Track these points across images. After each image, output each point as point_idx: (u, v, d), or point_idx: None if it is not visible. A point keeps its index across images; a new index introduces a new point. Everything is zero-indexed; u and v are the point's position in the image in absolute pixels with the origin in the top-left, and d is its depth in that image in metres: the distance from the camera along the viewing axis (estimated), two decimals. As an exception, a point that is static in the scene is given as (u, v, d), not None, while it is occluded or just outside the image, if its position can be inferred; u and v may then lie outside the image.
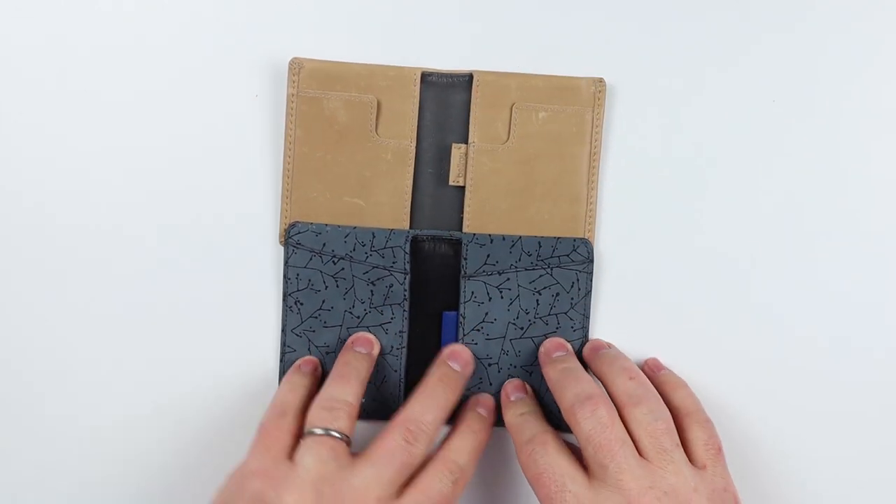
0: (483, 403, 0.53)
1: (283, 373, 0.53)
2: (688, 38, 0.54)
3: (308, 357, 0.53)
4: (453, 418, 0.52)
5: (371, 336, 0.53)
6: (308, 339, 0.53)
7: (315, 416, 0.48)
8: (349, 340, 0.53)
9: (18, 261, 0.54)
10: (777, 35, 0.54)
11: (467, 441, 0.50)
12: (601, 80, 0.53)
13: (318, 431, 0.47)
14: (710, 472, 0.48)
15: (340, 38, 0.54)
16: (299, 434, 0.49)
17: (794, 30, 0.54)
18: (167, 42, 0.54)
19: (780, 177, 0.54)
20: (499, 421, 0.53)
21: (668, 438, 0.48)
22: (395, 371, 0.53)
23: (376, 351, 0.53)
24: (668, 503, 0.45)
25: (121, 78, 0.54)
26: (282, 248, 0.53)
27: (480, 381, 0.53)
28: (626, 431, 0.48)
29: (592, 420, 0.48)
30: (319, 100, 0.53)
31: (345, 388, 0.49)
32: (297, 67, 0.53)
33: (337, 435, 0.47)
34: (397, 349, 0.53)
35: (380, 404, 0.53)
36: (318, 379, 0.53)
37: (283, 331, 0.53)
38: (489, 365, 0.53)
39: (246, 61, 0.54)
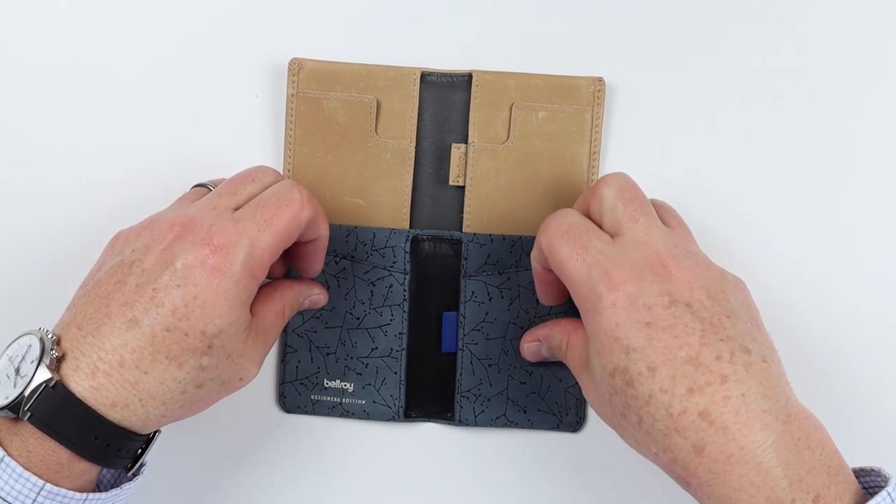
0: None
1: (283, 373, 0.54)
2: (688, 37, 0.54)
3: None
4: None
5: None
6: (309, 340, 0.53)
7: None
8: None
9: (17, 261, 0.54)
10: (777, 35, 0.54)
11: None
12: (600, 80, 0.53)
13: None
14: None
15: (340, 38, 0.54)
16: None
17: (794, 30, 0.54)
18: (167, 43, 0.54)
19: (781, 176, 0.54)
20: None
21: (683, 220, 0.49)
22: (395, 373, 0.53)
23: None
24: (692, 260, 0.45)
25: (120, 77, 0.54)
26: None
27: (480, 382, 0.53)
28: None
29: (620, 181, 0.47)
30: (319, 100, 0.53)
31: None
32: (297, 68, 0.53)
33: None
34: (397, 351, 0.53)
35: (380, 406, 0.53)
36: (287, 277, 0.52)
37: (285, 331, 0.53)
38: (489, 365, 0.53)
39: (246, 61, 0.54)
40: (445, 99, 0.53)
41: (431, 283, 0.54)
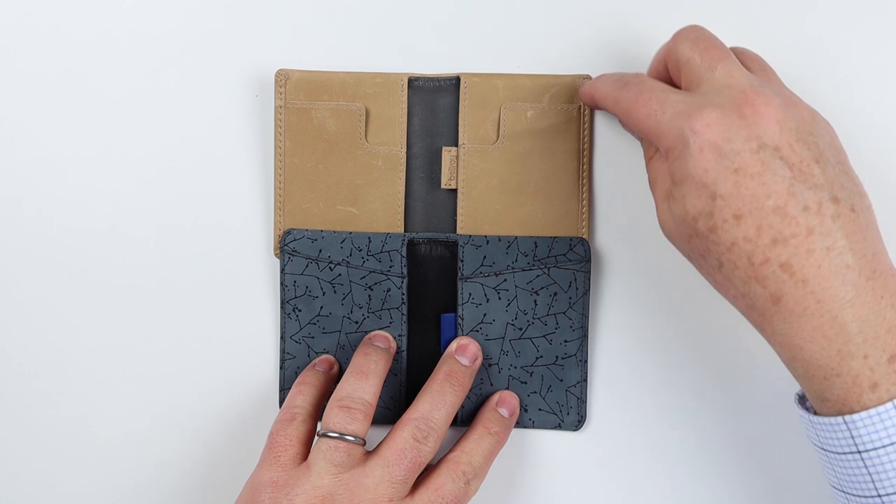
0: (505, 402, 0.53)
1: (283, 380, 0.55)
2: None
3: (325, 356, 0.54)
4: (474, 414, 0.53)
5: (388, 334, 0.53)
6: (307, 346, 0.54)
7: (331, 417, 0.49)
8: (366, 336, 0.53)
9: (14, 273, 0.55)
10: (774, 32, 0.52)
11: (484, 442, 0.51)
12: (587, 77, 0.52)
13: (333, 435, 0.48)
14: None
15: (325, 47, 0.54)
16: (310, 437, 0.50)
17: (793, 29, 0.53)
18: (153, 56, 0.55)
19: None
20: (518, 422, 0.54)
21: (768, 65, 0.48)
22: (396, 375, 0.54)
23: (394, 347, 0.53)
24: (780, 98, 0.43)
25: (109, 89, 0.55)
26: (277, 259, 0.54)
27: (481, 382, 0.54)
28: None
29: (693, 33, 0.46)
30: (307, 110, 0.53)
31: (363, 385, 0.50)
32: (284, 79, 0.53)
33: (351, 439, 0.48)
34: (397, 353, 0.54)
35: (381, 408, 0.54)
36: (334, 377, 0.53)
37: (283, 338, 0.54)
38: (489, 365, 0.53)
39: (234, 73, 0.54)
40: (434, 103, 0.53)
41: (428, 286, 0.54)
